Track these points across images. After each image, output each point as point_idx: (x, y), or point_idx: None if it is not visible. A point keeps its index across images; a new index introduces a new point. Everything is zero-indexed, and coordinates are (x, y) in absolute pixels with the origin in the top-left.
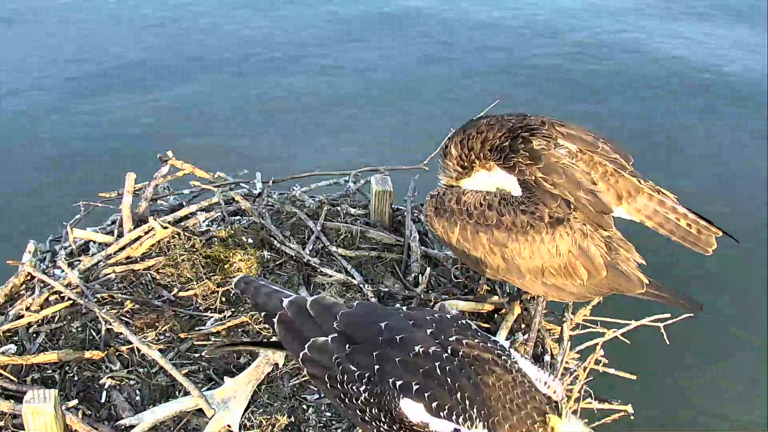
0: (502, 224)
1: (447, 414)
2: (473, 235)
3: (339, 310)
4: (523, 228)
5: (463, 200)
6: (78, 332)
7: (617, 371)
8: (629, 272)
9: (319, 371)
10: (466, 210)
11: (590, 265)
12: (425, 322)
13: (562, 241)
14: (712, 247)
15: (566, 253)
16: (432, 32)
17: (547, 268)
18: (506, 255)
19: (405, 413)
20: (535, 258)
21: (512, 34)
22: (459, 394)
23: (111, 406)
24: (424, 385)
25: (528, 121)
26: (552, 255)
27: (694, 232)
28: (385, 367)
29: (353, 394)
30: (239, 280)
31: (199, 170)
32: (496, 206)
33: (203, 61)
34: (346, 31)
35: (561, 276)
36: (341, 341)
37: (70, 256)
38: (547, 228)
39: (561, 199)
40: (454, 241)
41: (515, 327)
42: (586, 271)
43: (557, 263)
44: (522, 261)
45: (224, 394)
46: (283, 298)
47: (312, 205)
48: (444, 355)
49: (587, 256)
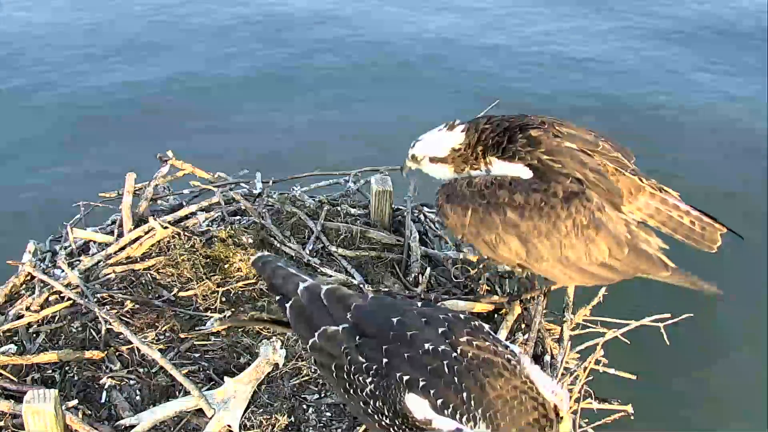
0: (514, 202)
1: (451, 412)
2: (485, 216)
3: (353, 302)
4: (537, 205)
5: (474, 182)
6: (78, 332)
7: (617, 371)
8: (652, 254)
9: (326, 360)
10: (478, 191)
11: (611, 241)
12: (438, 321)
13: (579, 215)
14: (716, 244)
15: (584, 227)
16: (432, 32)
17: (565, 246)
18: (522, 235)
19: (410, 408)
20: (552, 237)
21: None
22: (465, 394)
23: (111, 406)
24: (431, 383)
25: (527, 120)
26: (569, 232)
27: (698, 230)
28: (393, 362)
29: (359, 385)
30: (257, 259)
31: (199, 170)
32: (507, 186)
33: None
34: (347, 31)
35: (581, 256)
36: (352, 332)
37: (70, 256)
38: (562, 203)
39: (572, 177)
40: (467, 225)
41: (515, 327)
42: (606, 247)
43: (575, 241)
44: (539, 241)
45: (224, 394)
46: (300, 283)
47: (312, 205)
48: (453, 354)
49: (607, 230)
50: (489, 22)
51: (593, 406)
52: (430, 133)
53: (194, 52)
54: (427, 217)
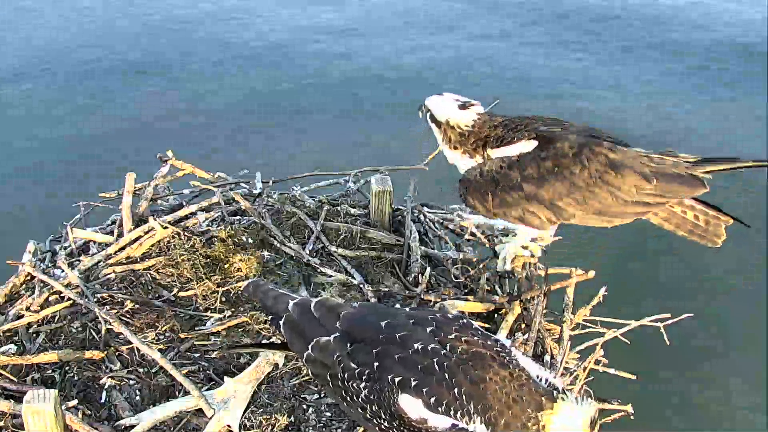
0: (528, 176)
1: (445, 409)
2: (505, 197)
3: (342, 310)
4: (550, 171)
5: (485, 171)
6: (78, 332)
7: (617, 371)
8: (684, 173)
9: (321, 370)
10: (492, 178)
11: (634, 178)
12: (426, 321)
13: (593, 164)
14: (721, 238)
15: (602, 173)
16: (432, 33)
17: (591, 197)
18: (546, 203)
19: (403, 409)
20: (575, 194)
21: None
22: (457, 390)
23: (111, 406)
24: (423, 381)
25: (527, 121)
26: (588, 183)
27: (702, 224)
28: (384, 364)
29: (354, 392)
30: (248, 285)
31: (199, 170)
32: (516, 165)
33: (207, 61)
34: (349, 32)
35: (609, 201)
36: (343, 340)
37: (70, 256)
38: (572, 159)
39: (575, 136)
40: (492, 209)
41: (515, 327)
42: (631, 185)
43: (598, 190)
44: (564, 203)
45: (224, 394)
46: (290, 300)
47: (312, 205)
48: (443, 351)
49: (626, 168)
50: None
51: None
52: (448, 97)
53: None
54: (427, 217)
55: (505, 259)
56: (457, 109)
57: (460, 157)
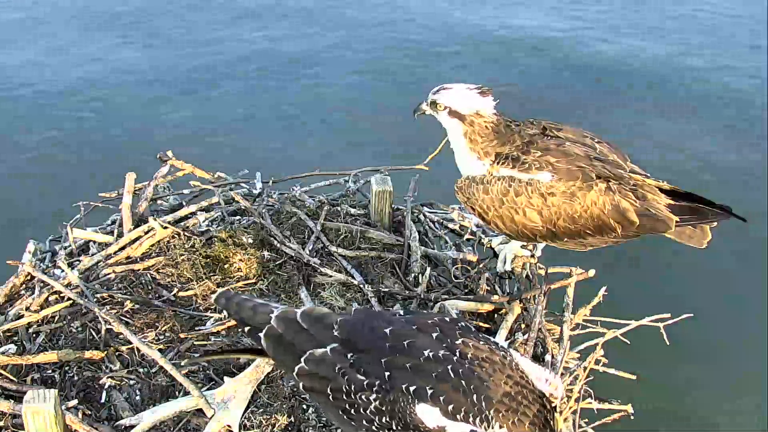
0: (532, 205)
1: (463, 416)
2: (507, 214)
3: (335, 318)
4: (555, 204)
5: (491, 189)
6: (78, 332)
7: (617, 371)
8: (660, 214)
9: (319, 384)
10: (497, 197)
11: (623, 219)
12: (428, 327)
13: (600, 199)
14: (707, 239)
15: (599, 213)
16: (433, 33)
17: (584, 233)
18: (544, 224)
19: (421, 419)
20: (571, 225)
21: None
22: (474, 396)
23: (111, 406)
24: (438, 389)
25: (528, 128)
26: (584, 217)
27: (687, 233)
28: (395, 374)
29: (361, 404)
30: (219, 296)
31: (199, 170)
32: (525, 192)
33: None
34: (347, 35)
35: (597, 236)
36: (342, 351)
37: (70, 256)
38: (576, 194)
39: (578, 168)
40: (491, 220)
41: (515, 327)
42: (617, 224)
43: (591, 224)
44: (558, 230)
45: (224, 394)
46: (271, 312)
47: (312, 205)
48: (454, 358)
49: (619, 212)
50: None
51: (593, 406)
52: (460, 86)
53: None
54: (427, 217)
55: (505, 259)
56: (480, 96)
57: (469, 154)
